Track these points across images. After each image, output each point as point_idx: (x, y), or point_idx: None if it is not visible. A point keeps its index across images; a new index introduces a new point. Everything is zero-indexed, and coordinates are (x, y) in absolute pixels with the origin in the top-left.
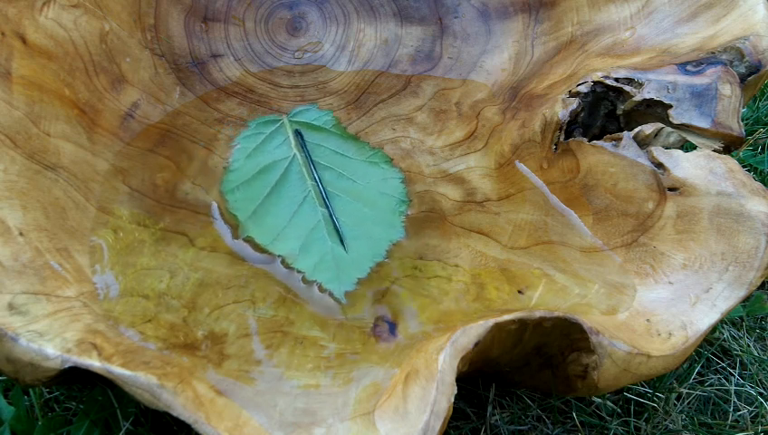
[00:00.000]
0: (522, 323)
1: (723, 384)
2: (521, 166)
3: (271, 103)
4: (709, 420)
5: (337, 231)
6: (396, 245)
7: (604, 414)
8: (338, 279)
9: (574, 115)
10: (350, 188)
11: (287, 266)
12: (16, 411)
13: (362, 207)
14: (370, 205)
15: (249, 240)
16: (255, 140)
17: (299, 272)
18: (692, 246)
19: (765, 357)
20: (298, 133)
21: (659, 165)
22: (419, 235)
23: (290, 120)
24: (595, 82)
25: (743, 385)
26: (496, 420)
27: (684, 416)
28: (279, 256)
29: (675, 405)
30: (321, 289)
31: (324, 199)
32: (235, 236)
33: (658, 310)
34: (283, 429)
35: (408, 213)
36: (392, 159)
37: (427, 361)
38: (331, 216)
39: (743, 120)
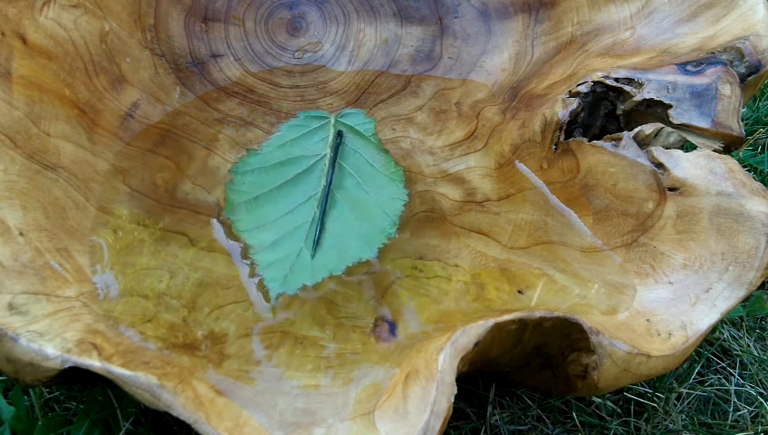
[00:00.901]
0: (522, 323)
1: (723, 384)
2: (521, 166)
3: (271, 103)
4: (709, 420)
5: (316, 236)
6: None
7: (604, 414)
8: (282, 280)
9: (574, 115)
10: (359, 198)
11: (245, 256)
12: (16, 411)
13: (354, 219)
14: (364, 219)
15: (227, 223)
16: (298, 131)
17: (253, 263)
18: (692, 246)
19: (765, 357)
20: (340, 134)
21: (659, 165)
22: (419, 235)
23: (336, 120)
24: (595, 82)
25: (743, 385)
26: (496, 420)
27: (684, 416)
28: (247, 244)
29: (675, 405)
30: (260, 285)
31: (324, 203)
32: (218, 217)
33: (658, 310)
34: (283, 429)
35: (397, 236)
36: (407, 180)
37: (427, 361)
38: (320, 220)
39: (743, 120)
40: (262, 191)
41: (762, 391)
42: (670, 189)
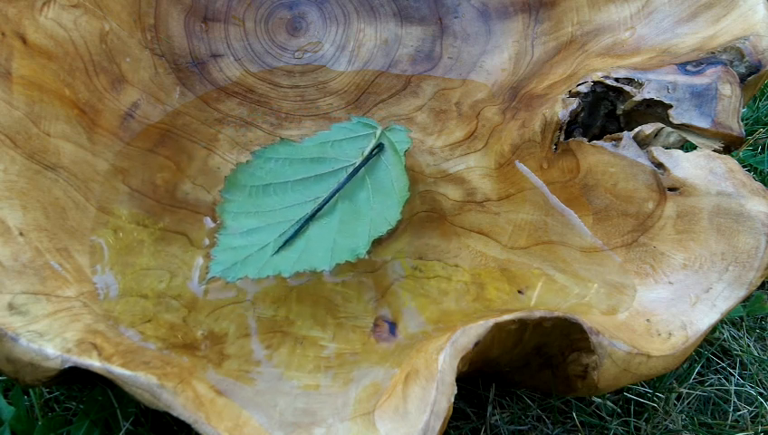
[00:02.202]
0: (522, 323)
1: (723, 384)
2: (521, 166)
3: (271, 103)
4: (709, 420)
5: (292, 237)
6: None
7: (604, 414)
8: (229, 266)
9: (574, 115)
10: (360, 212)
11: (211, 236)
12: (16, 411)
13: (337, 231)
14: (346, 233)
15: (219, 200)
16: (345, 134)
17: (215, 241)
18: (692, 246)
19: (765, 357)
20: (380, 147)
21: (659, 165)
22: (419, 235)
23: (383, 133)
24: (595, 82)
25: (743, 385)
26: (496, 420)
27: (684, 416)
28: (224, 223)
29: (675, 405)
30: (205, 264)
31: (319, 207)
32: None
33: (658, 310)
34: (283, 429)
35: (367, 257)
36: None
37: (427, 361)
38: (305, 221)
39: (743, 120)
40: (276, 181)
41: (762, 391)
42: (670, 189)
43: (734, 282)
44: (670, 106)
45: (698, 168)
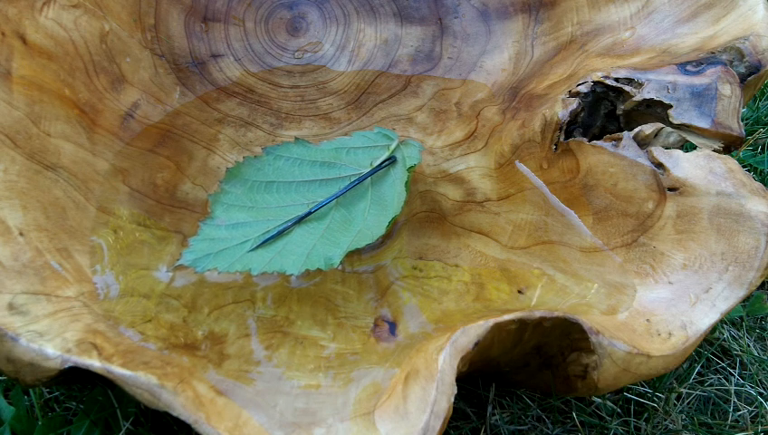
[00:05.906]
0: (522, 323)
1: (723, 384)
2: (521, 166)
3: (271, 104)
4: (709, 420)
5: (273, 236)
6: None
7: (604, 414)
8: (202, 256)
9: (574, 115)
10: (351, 222)
11: (199, 223)
12: (16, 411)
13: (320, 238)
14: (327, 241)
15: (217, 190)
16: (364, 142)
17: (199, 229)
18: (692, 246)
19: (765, 357)
20: (392, 160)
21: (659, 165)
22: (419, 234)
23: (398, 146)
24: (595, 82)
25: (743, 385)
26: (496, 420)
27: (684, 416)
28: (212, 212)
29: (675, 405)
30: (178, 250)
31: (309, 211)
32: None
33: (658, 310)
34: (283, 429)
35: (340, 267)
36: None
37: (427, 361)
38: (291, 223)
39: (743, 120)
40: (281, 179)
41: (762, 391)
42: (670, 189)
43: (733, 282)
44: (670, 106)
45: (698, 168)
